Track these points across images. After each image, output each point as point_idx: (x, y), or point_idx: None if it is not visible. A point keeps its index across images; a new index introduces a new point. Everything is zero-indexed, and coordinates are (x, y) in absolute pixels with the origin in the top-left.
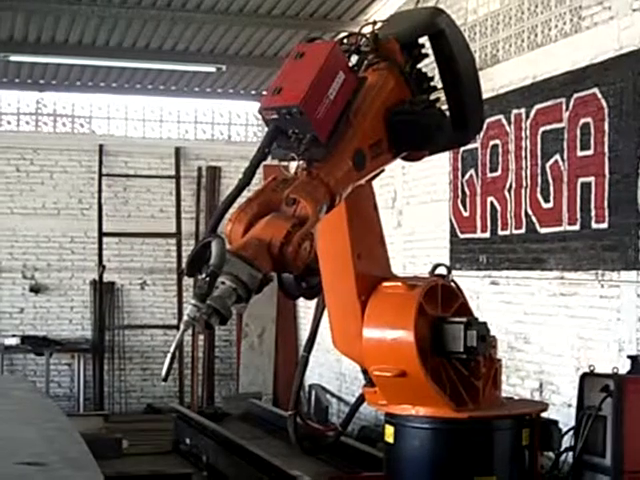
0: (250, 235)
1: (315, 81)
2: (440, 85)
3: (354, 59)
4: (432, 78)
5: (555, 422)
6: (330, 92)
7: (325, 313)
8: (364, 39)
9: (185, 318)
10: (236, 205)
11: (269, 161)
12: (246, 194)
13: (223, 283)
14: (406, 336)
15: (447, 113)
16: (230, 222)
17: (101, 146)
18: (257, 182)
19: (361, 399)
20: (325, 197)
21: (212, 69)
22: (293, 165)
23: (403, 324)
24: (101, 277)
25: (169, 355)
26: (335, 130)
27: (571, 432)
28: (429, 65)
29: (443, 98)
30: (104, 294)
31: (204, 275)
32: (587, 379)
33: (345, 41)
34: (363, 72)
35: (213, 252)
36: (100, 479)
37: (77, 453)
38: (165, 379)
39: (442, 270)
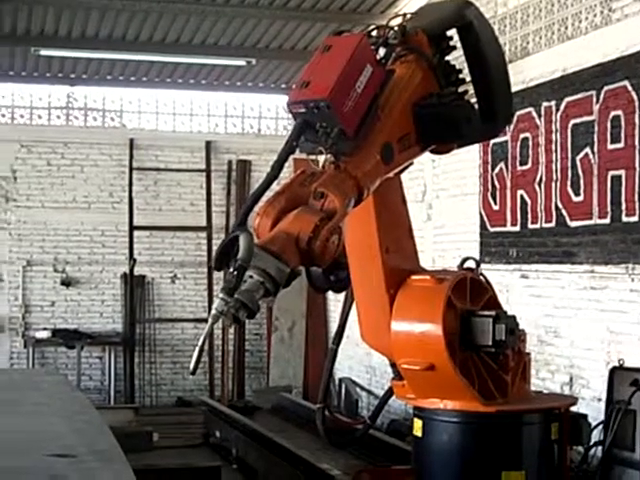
0: (278, 229)
1: (342, 74)
2: (468, 77)
3: (382, 52)
4: (460, 70)
5: (584, 416)
6: (358, 85)
7: (353, 306)
8: (392, 32)
9: (213, 312)
10: (264, 199)
11: (298, 154)
12: (274, 187)
13: (251, 277)
14: (434, 329)
15: (476, 106)
16: (258, 216)
17: (132, 140)
18: (286, 175)
19: (389, 392)
20: (353, 190)
21: (242, 63)
22: (321, 159)
23: (431, 317)
24: (132, 270)
25: (197, 348)
26: (363, 123)
27: (600, 426)
28: (458, 58)
29: (472, 91)
30: (135, 287)
31: (232, 269)
32: (616, 373)
33: (373, 34)
34: (391, 65)
35: (241, 246)
36: (129, 472)
37: (106, 445)
38: (193, 372)
39: (471, 263)
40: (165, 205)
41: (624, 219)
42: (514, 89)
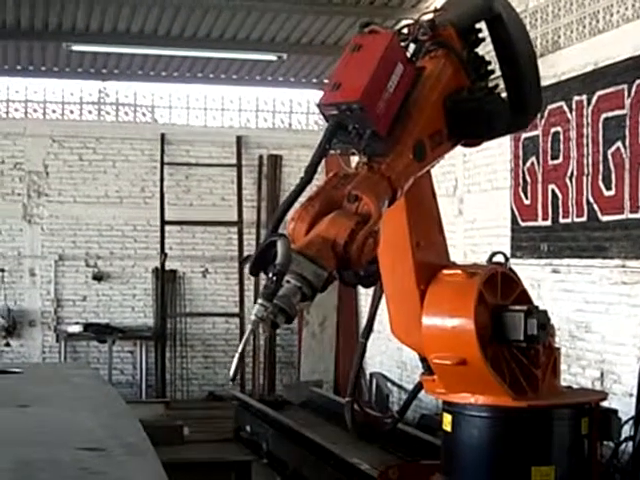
0: (314, 233)
1: (374, 75)
2: (498, 69)
3: (411, 48)
4: (490, 62)
5: (615, 411)
6: (389, 85)
7: (383, 301)
8: (421, 28)
9: (252, 317)
10: (297, 203)
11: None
12: (308, 189)
13: (288, 282)
14: (466, 324)
15: (505, 97)
16: (292, 221)
17: (163, 135)
18: (318, 173)
19: (419, 387)
20: (386, 192)
21: (273, 57)
22: (354, 158)
23: (463, 312)
24: (163, 265)
25: (237, 354)
26: (395, 123)
27: (631, 422)
28: (485, 49)
29: (501, 84)
30: (166, 282)
31: (271, 274)
32: None
33: (404, 31)
34: (421, 60)
35: (279, 251)
36: (158, 465)
37: (136, 439)
38: (233, 379)
39: (500, 258)
40: (196, 200)
41: None
42: (545, 83)
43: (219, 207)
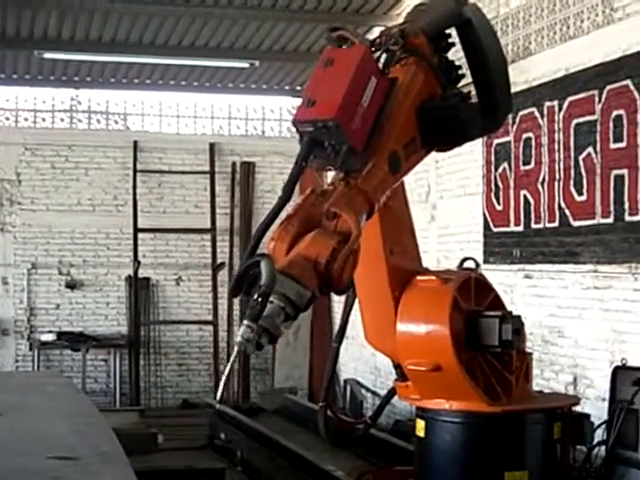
0: (295, 253)
1: (349, 91)
2: (468, 74)
3: (383, 57)
4: (460, 67)
5: (587, 416)
6: (364, 100)
7: (356, 307)
8: (392, 37)
9: (238, 339)
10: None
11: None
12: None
13: (271, 302)
14: (441, 330)
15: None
16: (272, 240)
17: (135, 142)
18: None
19: (392, 393)
20: (364, 207)
21: (245, 65)
22: (330, 173)
23: (438, 318)
24: (136, 273)
25: (224, 377)
26: (370, 137)
27: (603, 426)
28: (456, 55)
29: (472, 89)
30: (139, 290)
31: (256, 295)
32: (619, 372)
33: (376, 41)
34: (392, 68)
35: (263, 272)
36: (131, 473)
37: (109, 448)
38: (220, 400)
39: (470, 264)
40: (169, 207)
41: (627, 218)
42: (517, 89)
43: (192, 214)
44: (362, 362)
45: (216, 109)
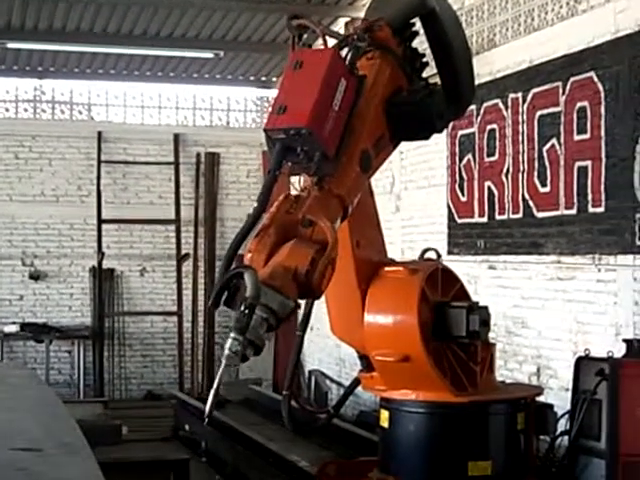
0: (275, 264)
1: (320, 97)
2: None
3: (347, 52)
4: (424, 55)
5: (550, 406)
6: (335, 103)
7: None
8: (357, 32)
9: (226, 352)
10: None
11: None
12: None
13: (255, 313)
14: (409, 321)
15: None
16: (249, 252)
17: (100, 133)
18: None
19: (355, 383)
20: (338, 210)
21: (210, 55)
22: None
23: (406, 309)
24: (100, 264)
25: (212, 391)
26: (342, 139)
27: (567, 416)
28: (421, 46)
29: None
30: (103, 281)
31: (242, 307)
32: (582, 363)
33: (341, 36)
34: (358, 61)
35: (248, 284)
36: (94, 465)
37: (72, 439)
38: (209, 416)
39: (431, 254)
40: (133, 198)
41: (590, 210)
42: (481, 81)
43: (157, 205)
44: (327, 353)
45: (181, 99)
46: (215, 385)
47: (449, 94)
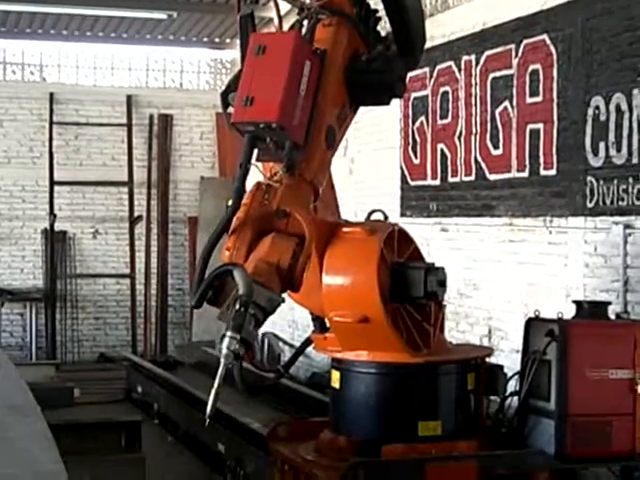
0: (257, 260)
1: (287, 88)
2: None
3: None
4: (377, 10)
5: (500, 367)
6: (302, 89)
7: None
8: (315, 3)
9: (224, 351)
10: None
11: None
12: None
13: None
14: (369, 282)
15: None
16: (227, 250)
17: (52, 94)
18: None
19: (306, 343)
20: (310, 194)
21: (163, 16)
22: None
23: (365, 270)
24: (52, 226)
25: (213, 391)
26: (309, 124)
27: (517, 377)
28: None
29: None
30: (56, 243)
31: (238, 306)
32: (532, 324)
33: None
34: (316, 30)
35: (240, 282)
36: (44, 426)
37: (22, 401)
38: (210, 416)
39: (378, 216)
40: (86, 160)
41: (542, 172)
42: (434, 43)
43: (109, 167)
44: (280, 316)
45: (134, 61)
46: (215, 385)
47: (402, 47)
